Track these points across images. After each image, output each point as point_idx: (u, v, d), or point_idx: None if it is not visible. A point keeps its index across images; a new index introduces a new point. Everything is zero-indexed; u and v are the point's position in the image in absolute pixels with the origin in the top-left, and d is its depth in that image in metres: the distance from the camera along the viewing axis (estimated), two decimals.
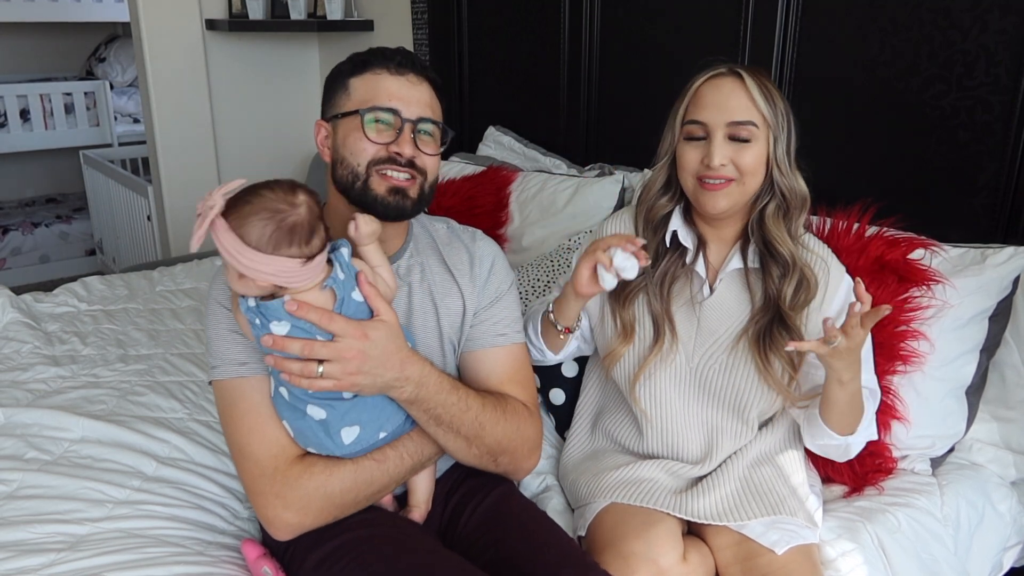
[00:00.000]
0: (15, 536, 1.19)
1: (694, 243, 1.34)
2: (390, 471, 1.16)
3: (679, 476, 1.33)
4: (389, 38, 3.05)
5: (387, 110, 1.16)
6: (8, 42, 4.89)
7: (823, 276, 1.30)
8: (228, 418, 1.16)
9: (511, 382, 1.27)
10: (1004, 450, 1.52)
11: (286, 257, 1.01)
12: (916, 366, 1.45)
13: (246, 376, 1.14)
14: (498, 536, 1.17)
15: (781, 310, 1.27)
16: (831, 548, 1.26)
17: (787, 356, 1.27)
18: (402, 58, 1.20)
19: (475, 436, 1.17)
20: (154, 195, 3.34)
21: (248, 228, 1.00)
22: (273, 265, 1.00)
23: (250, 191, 1.02)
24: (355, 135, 1.17)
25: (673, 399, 1.34)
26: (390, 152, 1.16)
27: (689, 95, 1.28)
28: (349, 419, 1.12)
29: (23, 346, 1.85)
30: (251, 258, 1.00)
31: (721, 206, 1.26)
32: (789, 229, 1.29)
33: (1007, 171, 1.55)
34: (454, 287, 1.27)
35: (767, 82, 1.25)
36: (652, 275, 1.33)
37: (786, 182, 1.26)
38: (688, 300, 1.34)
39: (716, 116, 1.23)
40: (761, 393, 1.30)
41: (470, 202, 2.17)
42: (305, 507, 1.10)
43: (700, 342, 1.33)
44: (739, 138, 1.23)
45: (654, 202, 1.36)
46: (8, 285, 2.15)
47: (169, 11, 3.06)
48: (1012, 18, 1.50)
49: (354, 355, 1.03)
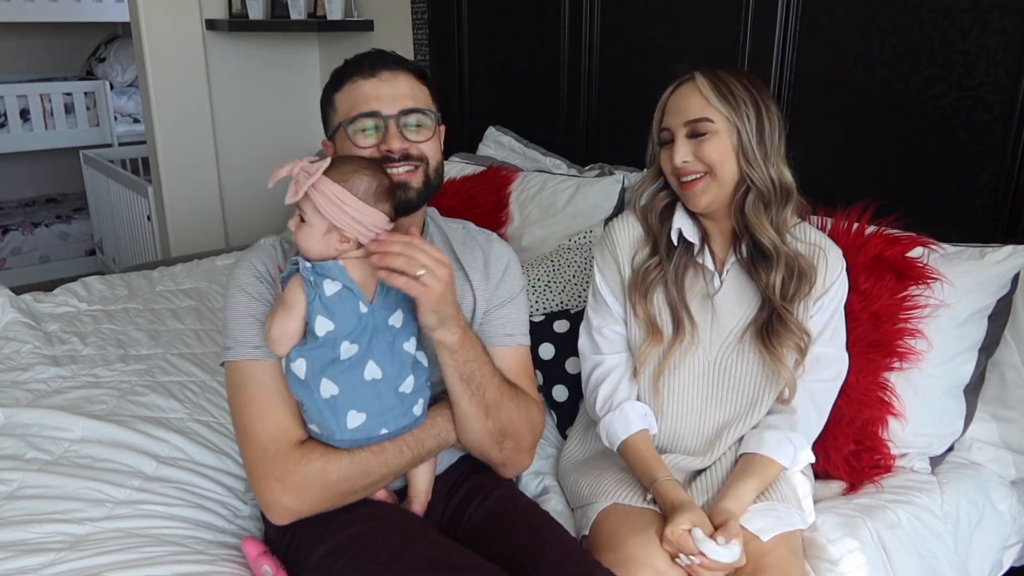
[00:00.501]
0: (15, 536, 1.19)
1: (699, 237, 1.37)
2: (388, 463, 1.17)
3: (679, 470, 1.34)
4: (389, 38, 3.05)
5: (367, 115, 1.20)
6: (8, 42, 4.89)
7: (821, 265, 1.33)
8: (236, 399, 1.18)
9: (517, 379, 1.28)
10: (1004, 450, 1.52)
11: (383, 212, 1.12)
12: (914, 363, 1.45)
13: (258, 359, 1.16)
14: (501, 533, 1.17)
15: (774, 304, 1.30)
16: (833, 547, 1.26)
17: (794, 344, 1.29)
18: (374, 59, 1.24)
19: (495, 406, 1.20)
20: (154, 195, 3.34)
21: (356, 182, 1.11)
22: (372, 217, 1.11)
23: (346, 159, 1.15)
24: (347, 146, 1.22)
25: (691, 395, 1.36)
26: (382, 152, 1.19)
27: (660, 105, 1.36)
28: (358, 404, 1.14)
29: (23, 346, 1.85)
30: (356, 208, 1.10)
31: (702, 202, 1.31)
32: (772, 220, 1.31)
33: (1007, 171, 1.55)
34: (465, 284, 1.29)
35: (729, 79, 1.30)
36: (667, 268, 1.35)
37: (756, 173, 1.28)
38: (702, 292, 1.37)
39: (675, 119, 1.31)
40: (776, 384, 1.32)
41: (470, 202, 2.17)
42: (303, 492, 1.12)
43: (716, 334, 1.35)
44: (696, 134, 1.29)
45: (650, 199, 1.41)
46: (8, 285, 2.15)
47: (169, 11, 3.06)
48: (1012, 18, 1.50)
49: (444, 275, 1.09)
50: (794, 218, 1.35)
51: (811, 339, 1.31)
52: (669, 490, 1.25)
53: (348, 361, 1.12)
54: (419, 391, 1.19)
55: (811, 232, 1.38)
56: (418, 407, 1.20)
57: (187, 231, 3.31)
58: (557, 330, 1.68)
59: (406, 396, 1.18)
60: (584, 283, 1.84)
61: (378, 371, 1.14)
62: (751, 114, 1.28)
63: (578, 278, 1.85)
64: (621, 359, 1.41)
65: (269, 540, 1.25)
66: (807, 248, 1.34)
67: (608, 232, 1.45)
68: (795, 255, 1.31)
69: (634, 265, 1.39)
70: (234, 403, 1.19)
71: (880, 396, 1.44)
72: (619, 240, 1.42)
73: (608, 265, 1.43)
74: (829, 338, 1.34)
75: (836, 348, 1.36)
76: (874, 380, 1.45)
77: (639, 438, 1.34)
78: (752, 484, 1.25)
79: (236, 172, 3.36)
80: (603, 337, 1.42)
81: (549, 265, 1.88)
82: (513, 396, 1.23)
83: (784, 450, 1.28)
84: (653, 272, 1.36)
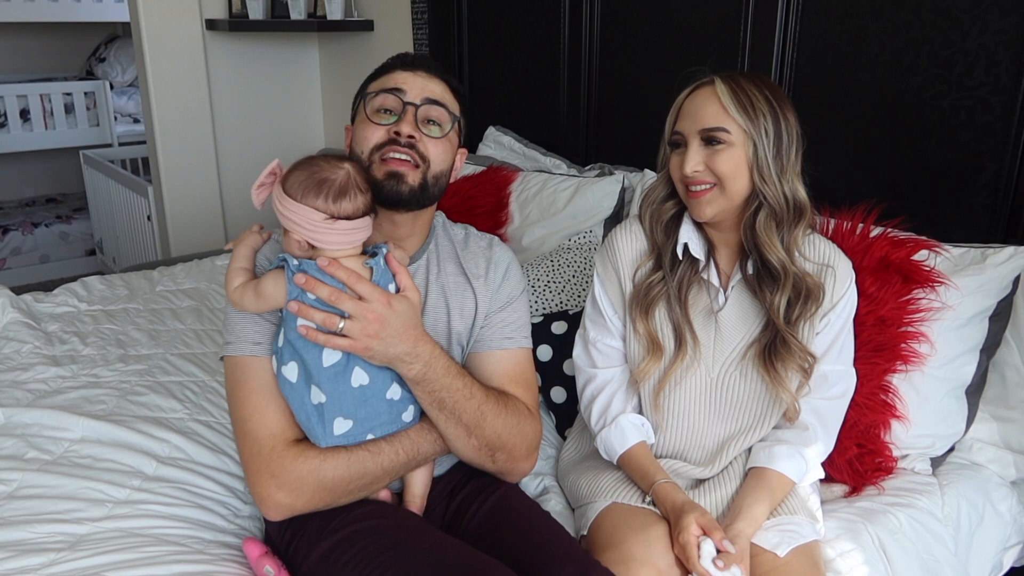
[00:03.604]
0: (15, 536, 1.19)
1: (704, 252, 1.32)
2: (384, 464, 1.17)
3: (682, 476, 1.33)
4: (389, 38, 3.05)
5: (391, 91, 1.20)
6: (8, 42, 4.89)
7: (829, 283, 1.28)
8: (235, 395, 1.18)
9: (514, 383, 1.28)
10: (1004, 450, 1.52)
11: (310, 208, 1.08)
12: (916, 366, 1.45)
13: (258, 356, 1.17)
14: (502, 534, 1.17)
15: (778, 326, 1.26)
16: (831, 548, 1.26)
17: (796, 365, 1.26)
18: (418, 58, 1.26)
19: (475, 426, 1.19)
20: (154, 195, 3.33)
21: (288, 179, 1.10)
22: (298, 213, 1.08)
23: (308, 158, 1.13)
24: (363, 124, 1.21)
25: (693, 411, 1.34)
26: (390, 134, 1.18)
27: (675, 107, 1.30)
28: (346, 411, 1.13)
29: (23, 346, 1.85)
30: (284, 203, 1.09)
31: (707, 213, 1.25)
32: (783, 239, 1.26)
33: (1007, 171, 1.55)
34: (468, 289, 1.29)
35: (750, 87, 1.23)
36: (671, 283, 1.32)
37: (770, 189, 1.22)
38: (706, 308, 1.33)
39: (690, 125, 1.25)
40: (780, 405, 1.30)
41: (470, 202, 2.17)
42: (298, 489, 1.12)
43: (719, 352, 1.32)
44: (711, 142, 1.23)
45: (658, 207, 1.36)
46: (8, 285, 2.15)
47: (169, 11, 3.06)
48: (1012, 18, 1.50)
49: (375, 318, 1.08)
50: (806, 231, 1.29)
51: (815, 359, 1.27)
52: (668, 492, 1.24)
53: (333, 368, 1.12)
54: (409, 398, 1.18)
55: (821, 246, 1.31)
56: (408, 414, 1.19)
57: (187, 231, 3.30)
58: (555, 332, 1.68)
59: (394, 403, 1.17)
60: (584, 283, 1.84)
61: (365, 377, 1.13)
62: (769, 128, 1.21)
63: (578, 278, 1.85)
64: (615, 373, 1.39)
65: (270, 539, 1.25)
66: (816, 268, 1.28)
67: (610, 242, 1.40)
68: (803, 275, 1.26)
69: (636, 280, 1.35)
70: (232, 398, 1.19)
71: (883, 399, 1.44)
72: (622, 251, 1.37)
73: (609, 276, 1.39)
74: (836, 355, 1.31)
75: (844, 365, 1.32)
76: (878, 384, 1.44)
77: (636, 450, 1.33)
78: (764, 502, 1.23)
79: (236, 172, 3.35)
80: (597, 351, 1.40)
81: (549, 265, 1.88)
82: (499, 411, 1.21)
83: (794, 465, 1.26)
84: (656, 288, 1.32)
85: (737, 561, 1.13)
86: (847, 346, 1.33)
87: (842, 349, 1.32)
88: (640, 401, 1.38)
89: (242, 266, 1.18)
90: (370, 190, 1.13)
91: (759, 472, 1.27)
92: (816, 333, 1.29)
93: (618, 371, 1.39)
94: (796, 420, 1.30)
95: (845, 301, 1.30)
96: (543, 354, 1.66)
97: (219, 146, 3.30)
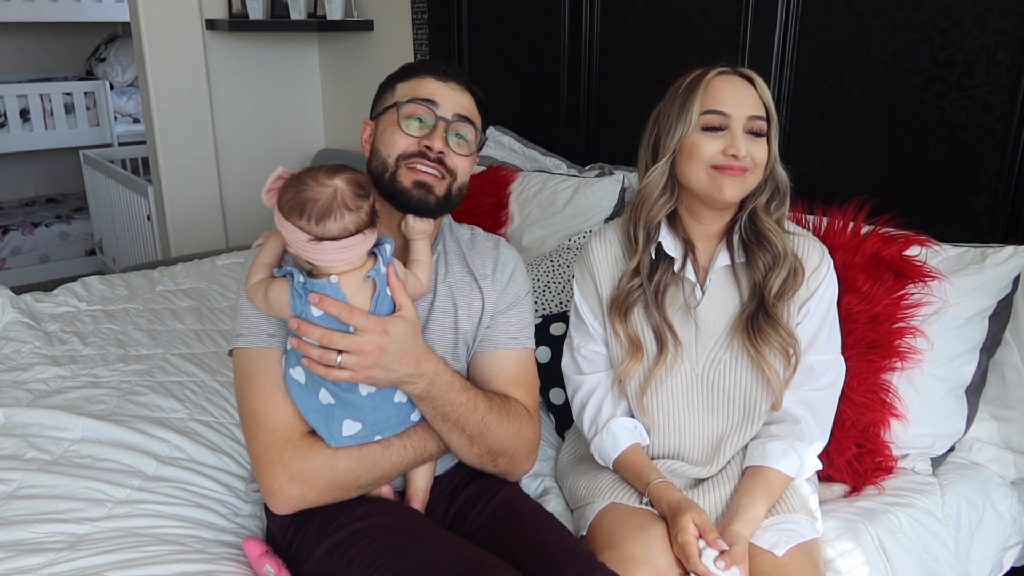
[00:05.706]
0: (15, 536, 1.19)
1: (680, 251, 1.33)
2: (393, 458, 1.18)
3: (680, 476, 1.33)
4: (389, 38, 3.05)
5: (425, 101, 1.21)
6: (8, 42, 4.89)
7: (804, 257, 1.32)
8: (246, 387, 1.17)
9: (516, 385, 1.29)
10: (1004, 450, 1.52)
11: (294, 226, 1.06)
12: (914, 363, 1.45)
13: (272, 348, 1.17)
14: (505, 535, 1.18)
15: (765, 301, 1.28)
16: (831, 548, 1.26)
17: (779, 345, 1.27)
18: (450, 67, 1.27)
19: (478, 436, 1.20)
20: (154, 195, 3.33)
21: (281, 193, 1.08)
22: (286, 230, 1.07)
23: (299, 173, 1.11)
24: (391, 128, 1.21)
25: (682, 408, 1.34)
26: (421, 147, 1.19)
27: (702, 88, 1.27)
28: (355, 415, 1.14)
29: (23, 346, 1.85)
30: (276, 218, 1.08)
31: (737, 193, 1.27)
32: (779, 220, 1.32)
33: (1007, 171, 1.55)
34: (475, 289, 1.30)
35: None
36: (648, 288, 1.33)
37: (779, 174, 1.31)
38: (683, 306, 1.34)
39: (737, 109, 1.25)
40: (769, 392, 1.30)
41: (470, 202, 2.17)
42: (309, 481, 1.12)
43: (702, 346, 1.33)
44: (754, 132, 1.26)
45: (654, 203, 1.32)
46: (8, 285, 2.15)
47: (169, 11, 3.06)
48: (1012, 18, 1.50)
49: (372, 349, 1.07)
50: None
51: (798, 344, 1.28)
52: (663, 491, 1.25)
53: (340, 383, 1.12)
54: None
55: (791, 227, 1.37)
56: (416, 414, 1.21)
57: (187, 231, 3.31)
58: (554, 333, 1.68)
59: (403, 406, 1.18)
60: None
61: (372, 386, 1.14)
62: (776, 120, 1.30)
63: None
64: (601, 378, 1.39)
65: (271, 538, 1.25)
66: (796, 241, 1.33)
67: (585, 249, 1.41)
68: (794, 255, 1.30)
69: (613, 285, 1.36)
70: (243, 390, 1.18)
71: (882, 398, 1.44)
72: (596, 258, 1.38)
73: (586, 283, 1.40)
74: (824, 345, 1.32)
75: (831, 354, 1.33)
76: (875, 382, 1.44)
77: (629, 453, 1.33)
78: (761, 502, 1.23)
79: (236, 172, 3.36)
80: (583, 357, 1.41)
81: (549, 265, 1.88)
82: (501, 420, 1.22)
83: (789, 460, 1.27)
84: (635, 292, 1.33)
85: (736, 562, 1.13)
86: (833, 334, 1.34)
87: (828, 338, 1.33)
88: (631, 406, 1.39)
89: (267, 262, 1.17)
90: (364, 207, 1.08)
91: (755, 470, 1.28)
92: (797, 323, 1.30)
93: (604, 376, 1.40)
94: (780, 407, 1.31)
95: (824, 287, 1.31)
96: (542, 355, 1.66)
97: (219, 146, 3.31)
